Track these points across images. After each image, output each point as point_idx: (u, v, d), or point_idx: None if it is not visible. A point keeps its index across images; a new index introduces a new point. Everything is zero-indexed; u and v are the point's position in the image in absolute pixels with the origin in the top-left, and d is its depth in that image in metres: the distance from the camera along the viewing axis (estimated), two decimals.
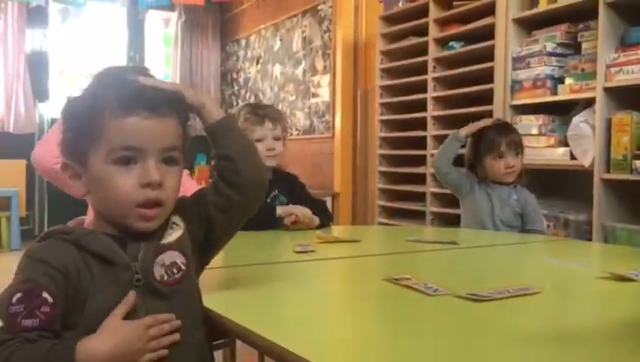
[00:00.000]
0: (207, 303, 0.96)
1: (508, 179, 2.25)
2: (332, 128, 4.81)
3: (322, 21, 4.94)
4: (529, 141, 2.76)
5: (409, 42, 3.76)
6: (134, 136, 0.88)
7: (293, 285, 1.21)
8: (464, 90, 3.33)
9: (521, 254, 1.77)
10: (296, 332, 0.88)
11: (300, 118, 5.27)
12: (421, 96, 3.61)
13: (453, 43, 3.42)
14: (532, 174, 2.69)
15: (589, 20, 2.66)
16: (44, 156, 1.70)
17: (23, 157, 5.44)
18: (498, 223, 2.22)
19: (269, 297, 1.08)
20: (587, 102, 2.63)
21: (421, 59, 3.60)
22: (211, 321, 0.95)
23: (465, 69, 3.32)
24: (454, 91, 3.43)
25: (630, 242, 2.37)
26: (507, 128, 2.33)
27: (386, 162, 4.02)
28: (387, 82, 3.96)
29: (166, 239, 0.93)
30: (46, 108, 5.92)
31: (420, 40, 3.64)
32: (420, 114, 3.62)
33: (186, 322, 0.91)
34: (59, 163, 0.94)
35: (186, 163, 0.97)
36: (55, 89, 6.07)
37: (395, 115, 3.93)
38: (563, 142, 2.75)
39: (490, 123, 2.35)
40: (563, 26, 2.80)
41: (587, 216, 2.63)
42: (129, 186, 0.88)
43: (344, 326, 0.97)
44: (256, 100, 5.92)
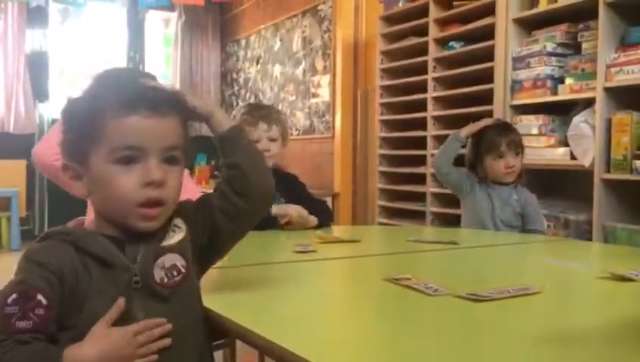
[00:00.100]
0: (207, 303, 0.96)
1: (508, 179, 2.26)
2: (332, 128, 4.81)
3: (322, 21, 4.94)
4: (529, 141, 2.76)
5: (409, 42, 3.76)
6: (136, 135, 0.88)
7: (293, 285, 1.21)
8: (464, 90, 3.33)
9: (521, 254, 1.77)
10: (296, 332, 0.88)
11: (300, 118, 5.26)
12: (421, 96, 3.61)
13: (453, 43, 3.42)
14: (532, 174, 2.69)
15: (589, 20, 2.66)
16: (44, 153, 1.71)
17: (23, 157, 5.44)
18: (498, 223, 2.23)
19: (270, 297, 1.07)
20: (587, 102, 2.63)
21: (421, 59, 3.60)
22: (211, 321, 0.95)
23: (465, 69, 3.32)
24: (454, 91, 3.43)
25: (630, 242, 2.37)
26: (507, 128, 2.34)
27: (386, 162, 4.02)
28: (387, 82, 3.96)
29: (167, 241, 0.93)
30: (46, 108, 5.92)
31: (420, 40, 3.64)
32: (420, 114, 3.62)
33: (186, 324, 0.91)
34: (59, 160, 0.94)
35: (186, 163, 0.96)
36: (55, 89, 6.07)
37: (395, 115, 3.93)
38: (563, 142, 2.75)
39: (490, 123, 2.35)
40: (563, 26, 2.80)
41: (587, 216, 2.63)
42: (131, 186, 0.88)
43: (344, 326, 0.97)
44: (256, 100, 5.91)
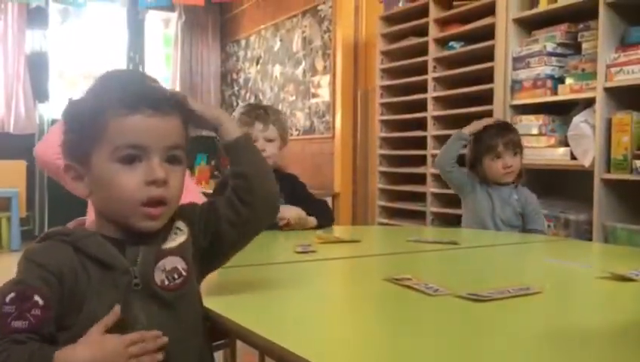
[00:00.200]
0: (207, 303, 0.96)
1: (507, 179, 2.26)
2: (332, 128, 4.81)
3: (322, 21, 4.94)
4: (529, 141, 2.76)
5: (409, 42, 3.76)
6: (139, 134, 0.88)
7: (293, 285, 1.21)
8: (464, 90, 3.33)
9: (521, 254, 1.77)
10: (296, 332, 0.88)
11: (300, 119, 5.26)
12: (421, 96, 3.61)
13: (453, 43, 3.42)
14: (532, 174, 2.69)
15: (589, 20, 2.66)
16: (45, 151, 1.71)
17: (23, 157, 5.46)
18: (499, 223, 2.23)
19: (270, 297, 1.07)
20: (587, 102, 2.63)
21: (421, 59, 3.60)
22: (212, 322, 0.95)
23: (465, 69, 3.32)
24: (454, 91, 3.43)
25: (630, 242, 2.37)
26: (505, 128, 2.33)
27: (386, 162, 4.02)
28: (387, 82, 3.96)
29: (168, 244, 0.92)
30: (46, 108, 5.92)
31: (420, 40, 3.64)
32: (420, 114, 3.62)
33: (187, 326, 0.91)
34: (60, 158, 0.94)
35: (187, 163, 0.97)
36: (55, 89, 6.07)
37: (395, 115, 3.93)
38: (563, 142, 2.75)
39: (492, 121, 2.36)
40: (563, 26, 2.80)
41: (587, 216, 2.63)
42: (133, 184, 0.88)
43: (344, 326, 0.97)
44: (256, 101, 5.91)
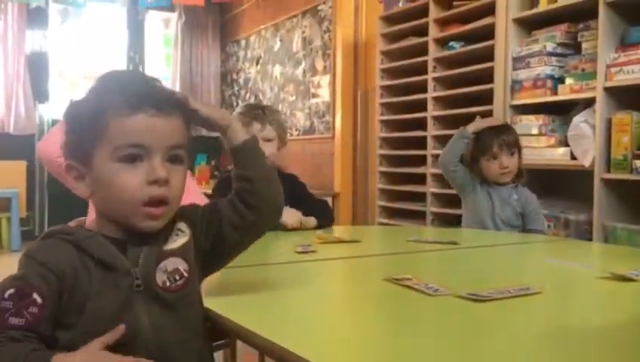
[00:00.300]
0: (207, 304, 0.96)
1: (504, 180, 2.25)
2: (332, 128, 4.81)
3: (322, 21, 4.94)
4: (529, 141, 2.76)
5: (409, 42, 3.76)
6: (141, 133, 0.88)
7: (293, 285, 1.21)
8: (464, 90, 3.33)
9: (521, 254, 1.77)
10: (296, 332, 0.88)
11: (300, 119, 5.26)
12: (421, 96, 3.61)
13: (453, 43, 3.42)
14: (532, 174, 2.69)
15: (589, 20, 2.66)
16: (47, 149, 1.71)
17: (24, 158, 5.46)
18: (499, 223, 2.23)
19: (270, 297, 1.08)
20: (587, 102, 2.63)
21: (421, 59, 3.60)
22: (212, 322, 0.95)
23: (465, 69, 3.32)
24: (454, 91, 3.43)
25: (630, 242, 2.37)
26: (501, 129, 2.32)
27: (386, 162, 4.01)
28: (387, 82, 3.96)
29: (170, 245, 0.92)
30: (46, 109, 5.92)
31: (420, 40, 3.64)
32: (420, 114, 3.62)
33: (188, 328, 0.91)
34: (61, 156, 0.94)
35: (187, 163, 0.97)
36: (55, 90, 6.07)
37: (395, 115, 3.93)
38: (563, 142, 2.75)
39: (494, 121, 2.36)
40: (563, 26, 2.79)
41: (587, 216, 2.63)
42: (135, 184, 0.88)
43: (344, 326, 0.97)
44: (256, 101, 5.91)
